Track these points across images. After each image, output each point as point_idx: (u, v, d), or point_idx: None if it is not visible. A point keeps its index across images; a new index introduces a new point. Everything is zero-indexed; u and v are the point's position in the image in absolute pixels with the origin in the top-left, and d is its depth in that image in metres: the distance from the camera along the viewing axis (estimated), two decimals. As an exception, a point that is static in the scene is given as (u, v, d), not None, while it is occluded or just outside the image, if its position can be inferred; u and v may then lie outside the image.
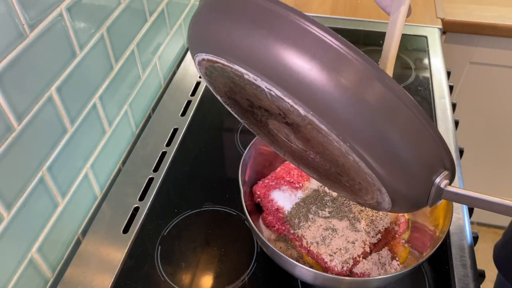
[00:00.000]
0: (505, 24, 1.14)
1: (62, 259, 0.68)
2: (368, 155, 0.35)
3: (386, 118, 0.34)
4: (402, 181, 0.37)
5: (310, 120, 0.35)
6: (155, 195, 0.76)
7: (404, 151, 0.35)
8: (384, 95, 0.33)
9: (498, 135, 1.40)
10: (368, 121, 0.34)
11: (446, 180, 0.38)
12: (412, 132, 0.35)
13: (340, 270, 0.58)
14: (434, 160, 0.37)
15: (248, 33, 0.34)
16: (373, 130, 0.34)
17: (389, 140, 0.35)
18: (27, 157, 0.57)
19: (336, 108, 0.33)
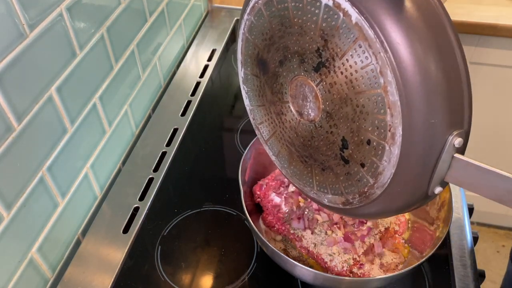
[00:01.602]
0: (505, 24, 1.14)
1: (62, 259, 0.68)
2: (402, 74, 0.36)
3: (432, 45, 0.36)
4: (424, 116, 0.37)
5: (361, 25, 0.37)
6: (155, 195, 0.76)
7: (436, 85, 0.36)
8: (441, 28, 0.36)
9: (498, 135, 1.41)
10: (414, 36, 0.36)
11: (460, 138, 0.39)
12: (450, 71, 0.37)
13: (340, 270, 0.58)
14: (458, 109, 0.39)
15: None
16: (417, 51, 0.36)
17: (426, 67, 0.36)
18: (27, 157, 0.57)
19: (388, 17, 0.36)
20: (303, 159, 0.52)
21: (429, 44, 0.36)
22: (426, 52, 0.36)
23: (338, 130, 0.45)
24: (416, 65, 0.36)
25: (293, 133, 0.52)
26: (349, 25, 0.38)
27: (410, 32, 0.36)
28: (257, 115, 0.57)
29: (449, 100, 0.38)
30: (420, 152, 0.39)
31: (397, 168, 0.40)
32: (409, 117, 0.37)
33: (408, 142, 0.38)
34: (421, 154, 0.39)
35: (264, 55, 0.50)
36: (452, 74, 0.37)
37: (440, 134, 0.38)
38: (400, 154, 0.39)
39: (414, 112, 0.37)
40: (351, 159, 0.45)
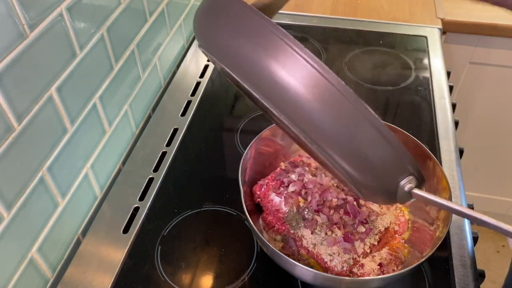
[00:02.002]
0: (505, 24, 1.14)
1: (62, 259, 0.68)
2: (335, 155, 0.40)
3: (345, 126, 0.39)
4: (368, 180, 0.42)
5: (283, 122, 0.40)
6: (155, 195, 0.76)
7: (365, 156, 0.40)
8: (343, 106, 0.38)
9: (498, 135, 1.41)
10: (330, 127, 0.39)
11: (411, 184, 0.43)
12: (369, 140, 0.40)
13: (340, 270, 0.58)
14: (396, 166, 0.42)
15: (232, 40, 0.39)
16: (335, 136, 0.39)
17: (350, 145, 0.40)
18: (27, 157, 0.57)
19: (302, 113, 0.38)
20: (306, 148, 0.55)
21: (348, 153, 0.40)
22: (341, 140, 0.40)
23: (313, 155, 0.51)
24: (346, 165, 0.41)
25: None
26: (277, 116, 0.41)
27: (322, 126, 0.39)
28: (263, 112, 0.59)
29: (382, 166, 0.42)
30: (379, 194, 0.45)
31: (364, 197, 0.47)
32: (354, 179, 0.42)
33: (363, 190, 0.44)
34: (380, 194, 0.45)
35: (236, 83, 0.51)
36: (373, 144, 0.40)
37: (390, 187, 0.43)
38: (360, 192, 0.46)
39: (357, 177, 0.42)
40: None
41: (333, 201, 0.63)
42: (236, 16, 0.39)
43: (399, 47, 1.08)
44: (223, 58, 0.41)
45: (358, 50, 1.07)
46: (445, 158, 0.80)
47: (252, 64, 0.38)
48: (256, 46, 0.38)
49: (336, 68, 1.02)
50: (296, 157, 0.72)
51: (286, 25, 1.15)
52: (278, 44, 0.37)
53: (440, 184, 0.61)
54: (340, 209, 0.62)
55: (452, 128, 0.86)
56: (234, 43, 0.39)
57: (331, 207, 0.62)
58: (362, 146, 0.40)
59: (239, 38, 0.39)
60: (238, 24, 0.39)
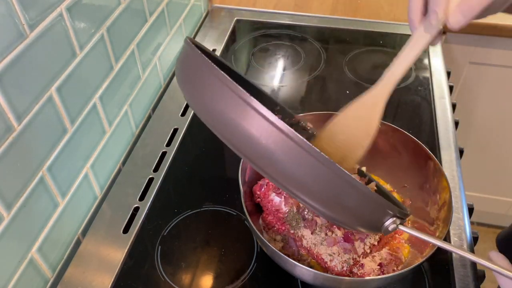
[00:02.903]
0: (505, 24, 1.14)
1: (62, 259, 0.68)
2: (318, 207, 0.42)
3: (309, 177, 0.40)
4: (351, 224, 0.45)
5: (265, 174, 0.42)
6: (155, 195, 0.76)
7: (346, 209, 0.42)
8: (317, 169, 0.39)
9: (498, 135, 1.41)
10: (294, 176, 0.40)
11: (394, 225, 0.44)
12: (348, 195, 0.41)
13: (340, 270, 0.58)
14: (376, 214, 0.44)
15: (210, 103, 0.41)
16: (319, 192, 0.41)
17: (333, 201, 0.42)
18: (27, 157, 0.57)
19: (283, 175, 0.40)
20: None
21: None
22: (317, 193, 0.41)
23: None
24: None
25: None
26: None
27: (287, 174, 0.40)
28: None
29: (366, 218, 0.44)
30: (365, 231, 0.49)
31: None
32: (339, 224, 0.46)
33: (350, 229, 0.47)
34: (366, 231, 0.49)
35: None
36: (355, 203, 0.42)
37: (373, 227, 0.45)
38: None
39: (342, 223, 0.46)
40: None
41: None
42: (201, 76, 0.42)
43: (399, 47, 1.08)
44: (200, 114, 0.43)
45: (358, 50, 1.07)
46: (445, 158, 0.80)
47: (221, 121, 0.41)
48: (222, 106, 0.40)
49: (336, 68, 1.02)
50: (296, 157, 0.72)
51: (286, 25, 1.15)
52: (239, 104, 0.39)
53: (440, 184, 0.61)
54: (340, 209, 0.62)
55: (452, 128, 0.86)
56: (206, 102, 0.42)
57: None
58: (340, 199, 0.41)
59: (210, 97, 0.41)
60: (202, 84, 0.42)
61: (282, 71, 1.03)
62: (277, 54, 1.07)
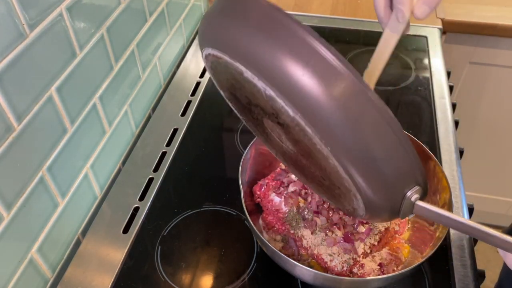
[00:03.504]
0: (505, 24, 1.14)
1: (62, 259, 0.68)
2: (347, 161, 0.38)
3: (366, 131, 0.37)
4: (376, 189, 0.40)
5: (298, 122, 0.38)
6: (155, 195, 0.76)
7: (380, 163, 0.39)
8: (367, 110, 0.37)
9: (498, 135, 1.40)
10: (349, 130, 0.37)
11: (417, 195, 0.42)
12: (388, 147, 0.38)
13: (340, 270, 0.58)
14: (407, 175, 0.41)
15: (252, 36, 0.37)
16: (353, 140, 0.37)
17: (366, 151, 0.38)
18: (27, 157, 0.57)
19: (322, 114, 0.36)
20: (297, 167, 0.53)
21: (356, 144, 0.38)
22: (358, 145, 0.38)
23: (313, 169, 0.47)
24: (352, 154, 0.38)
25: (281, 149, 0.52)
26: (290, 116, 0.39)
27: (341, 128, 0.37)
28: (249, 125, 0.57)
29: (395, 174, 0.40)
30: (383, 207, 0.43)
31: (367, 210, 0.44)
32: (362, 188, 0.40)
33: (370, 201, 0.42)
34: (384, 208, 0.43)
35: (233, 92, 0.49)
36: (391, 152, 0.39)
37: (396, 196, 0.42)
38: (365, 207, 0.43)
39: (366, 185, 0.40)
40: (331, 189, 0.47)
41: (333, 201, 0.63)
42: (256, 14, 0.38)
43: (399, 47, 1.08)
44: (236, 52, 0.39)
45: (358, 50, 1.07)
46: (445, 158, 0.80)
47: (272, 61, 0.36)
48: (276, 42, 0.36)
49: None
50: (296, 157, 0.72)
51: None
52: (295, 34, 0.36)
53: (440, 184, 0.61)
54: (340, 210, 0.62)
55: (452, 128, 0.86)
56: (248, 35, 0.37)
57: (331, 207, 0.62)
58: (378, 152, 0.38)
59: (253, 29, 0.37)
60: (258, 22, 0.37)
61: (282, 71, 1.03)
62: (277, 54, 1.07)
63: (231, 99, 0.52)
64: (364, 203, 0.42)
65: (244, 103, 0.49)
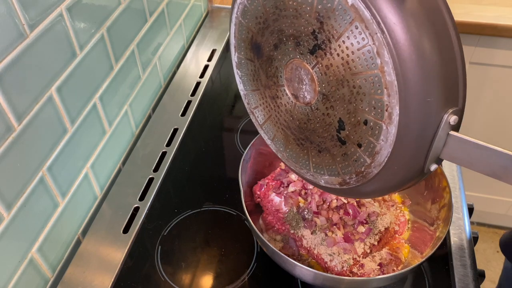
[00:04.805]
0: (505, 24, 1.14)
1: (62, 259, 0.68)
2: (399, 54, 0.37)
3: (427, 26, 0.37)
4: (420, 95, 0.38)
5: (357, 7, 0.37)
6: (155, 195, 0.76)
7: (431, 64, 0.37)
8: (438, 15, 0.37)
9: (498, 135, 1.41)
10: (410, 17, 0.36)
11: (455, 116, 0.39)
12: (445, 51, 0.37)
13: (340, 270, 0.58)
14: (453, 88, 0.39)
15: None
16: (412, 31, 0.36)
17: (422, 47, 0.37)
18: (27, 157, 0.57)
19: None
20: (299, 142, 0.52)
21: (424, 25, 0.37)
22: (422, 32, 0.37)
23: (335, 111, 0.46)
24: (412, 45, 0.37)
25: (288, 116, 0.52)
26: (345, 7, 0.38)
27: (406, 13, 0.36)
28: (251, 100, 0.56)
29: (444, 79, 0.38)
30: (417, 130, 0.40)
31: (394, 147, 0.41)
32: (405, 97, 0.38)
33: (405, 121, 0.39)
34: (418, 132, 0.40)
35: (258, 39, 0.50)
36: (447, 54, 0.38)
37: (436, 112, 0.39)
38: (397, 133, 0.40)
39: (411, 91, 0.38)
40: (348, 140, 0.45)
41: (333, 202, 0.63)
42: None
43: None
44: None
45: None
46: (445, 158, 0.80)
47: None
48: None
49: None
50: (296, 157, 0.72)
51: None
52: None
53: (441, 184, 0.61)
54: (340, 210, 0.62)
55: (452, 128, 0.86)
56: None
57: (330, 207, 0.62)
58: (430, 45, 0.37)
59: None
60: None
61: (282, 71, 1.03)
62: (277, 54, 1.07)
63: (247, 58, 0.53)
64: (399, 126, 0.40)
65: (267, 51, 0.49)
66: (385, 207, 0.66)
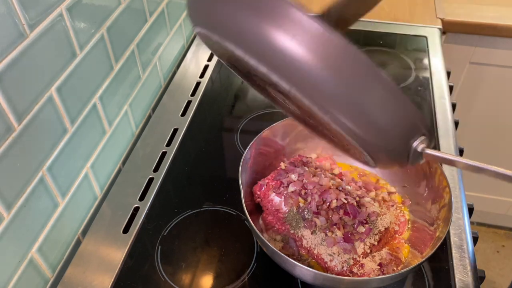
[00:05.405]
0: (505, 24, 1.14)
1: (62, 259, 0.68)
2: (348, 124, 0.39)
3: (360, 90, 0.38)
4: (381, 146, 0.41)
5: (294, 93, 0.39)
6: (155, 195, 0.76)
7: (379, 119, 0.39)
8: (357, 69, 0.38)
9: (498, 135, 1.41)
10: (343, 94, 0.38)
11: (423, 144, 0.42)
12: (385, 103, 0.39)
13: (340, 270, 0.58)
14: (408, 127, 0.41)
15: (238, 14, 0.38)
16: (350, 102, 0.38)
17: (365, 110, 0.39)
18: (27, 157, 0.57)
19: (315, 83, 0.37)
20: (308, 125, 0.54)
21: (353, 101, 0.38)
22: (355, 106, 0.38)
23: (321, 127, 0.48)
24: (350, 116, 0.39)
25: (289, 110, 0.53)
26: (286, 89, 0.39)
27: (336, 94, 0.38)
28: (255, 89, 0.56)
29: (395, 128, 0.40)
30: (391, 159, 0.44)
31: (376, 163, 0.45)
32: (368, 146, 0.41)
33: (377, 156, 0.43)
34: (393, 159, 0.44)
35: (232, 62, 0.49)
36: (386, 106, 0.40)
37: (402, 149, 0.42)
38: (374, 161, 0.44)
39: (371, 143, 0.41)
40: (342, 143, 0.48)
41: (333, 202, 0.63)
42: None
43: (399, 47, 1.09)
44: (223, 32, 0.39)
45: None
46: (445, 158, 0.80)
47: (254, 34, 0.37)
48: (256, 14, 0.37)
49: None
50: (296, 157, 0.72)
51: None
52: (278, 9, 0.36)
53: (441, 184, 0.61)
54: (340, 210, 0.62)
55: (452, 128, 0.86)
56: (233, 14, 0.38)
57: (330, 207, 0.62)
58: (373, 109, 0.39)
59: (237, 8, 0.37)
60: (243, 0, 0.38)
61: (282, 71, 1.03)
62: (277, 54, 1.07)
63: (232, 67, 0.53)
64: (372, 157, 0.43)
65: (245, 73, 0.50)
66: (385, 207, 0.66)
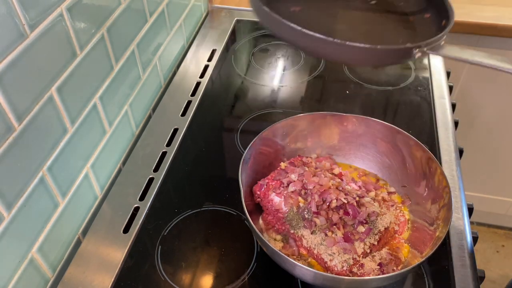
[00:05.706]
0: (505, 24, 1.14)
1: (62, 259, 0.68)
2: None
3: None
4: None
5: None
6: (155, 195, 0.76)
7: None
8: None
9: (498, 135, 1.41)
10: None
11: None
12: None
13: (340, 270, 0.58)
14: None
15: None
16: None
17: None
18: (27, 157, 0.57)
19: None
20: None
21: None
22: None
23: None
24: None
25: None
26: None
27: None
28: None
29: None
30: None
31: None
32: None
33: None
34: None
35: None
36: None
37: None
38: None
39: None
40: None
41: (333, 202, 0.63)
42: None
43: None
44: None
45: (358, 50, 1.07)
46: (445, 158, 0.80)
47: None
48: None
49: (336, 68, 1.02)
50: (296, 157, 0.73)
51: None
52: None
53: (440, 184, 0.62)
54: (340, 209, 0.62)
55: (452, 128, 0.86)
56: None
57: (330, 207, 0.62)
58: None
59: None
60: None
61: (282, 71, 1.03)
62: (277, 54, 1.08)
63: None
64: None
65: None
66: (385, 207, 0.66)
